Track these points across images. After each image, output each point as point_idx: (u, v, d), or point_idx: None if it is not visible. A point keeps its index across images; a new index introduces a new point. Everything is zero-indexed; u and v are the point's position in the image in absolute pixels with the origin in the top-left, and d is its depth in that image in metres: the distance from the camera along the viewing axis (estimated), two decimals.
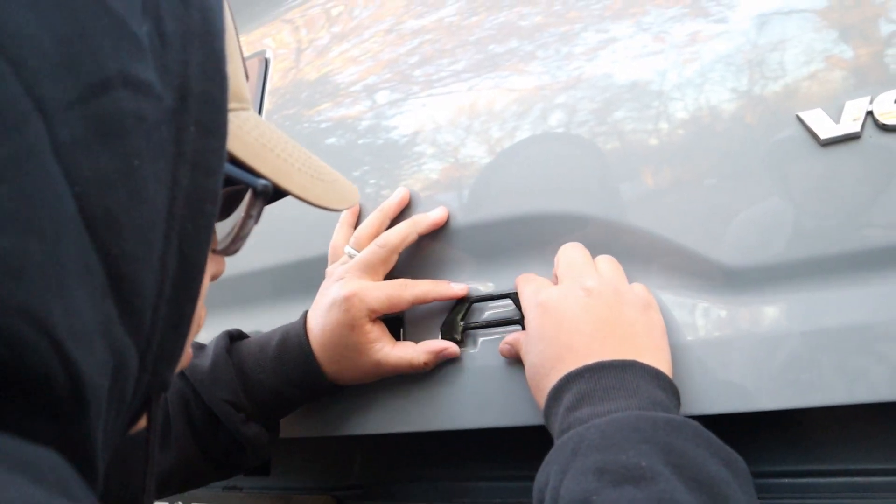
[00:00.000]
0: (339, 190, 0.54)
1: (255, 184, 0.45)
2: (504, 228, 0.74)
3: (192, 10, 0.39)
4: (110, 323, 0.35)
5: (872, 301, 0.56)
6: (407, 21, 0.87)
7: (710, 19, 0.67)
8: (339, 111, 0.91)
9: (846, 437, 0.61)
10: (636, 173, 0.67)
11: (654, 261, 0.66)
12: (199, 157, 0.39)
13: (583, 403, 0.55)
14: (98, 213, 0.34)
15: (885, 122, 0.55)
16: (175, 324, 0.40)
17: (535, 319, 0.63)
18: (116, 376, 0.37)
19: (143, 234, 0.36)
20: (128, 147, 0.35)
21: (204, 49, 0.39)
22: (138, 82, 0.35)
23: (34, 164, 0.31)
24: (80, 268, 0.33)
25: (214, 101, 0.39)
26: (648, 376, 0.55)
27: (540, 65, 0.76)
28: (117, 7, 0.35)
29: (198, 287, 0.41)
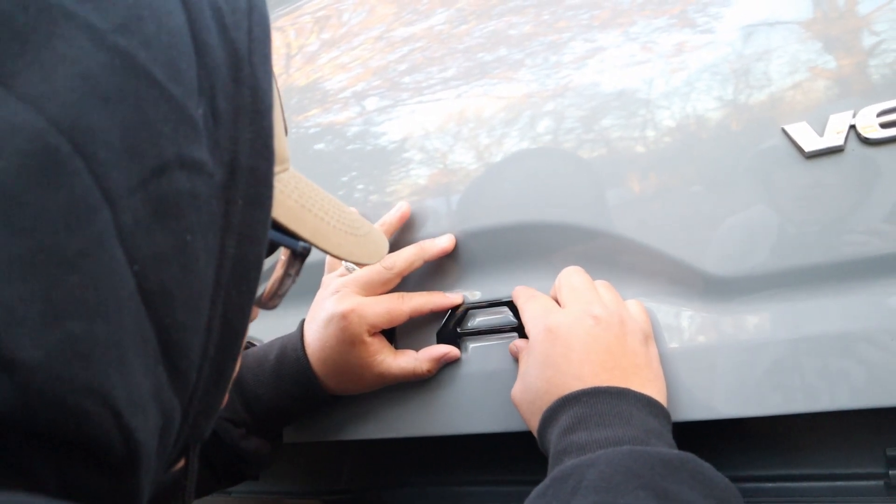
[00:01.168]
0: (371, 243, 0.56)
1: (295, 247, 0.48)
2: (492, 236, 0.75)
3: (244, 89, 0.40)
4: (161, 387, 0.37)
5: (854, 309, 0.57)
6: (397, 29, 0.88)
7: (696, 30, 0.68)
8: (328, 117, 0.91)
9: (829, 442, 0.62)
10: (623, 182, 0.68)
11: (641, 268, 0.67)
12: (245, 228, 0.40)
13: (579, 427, 0.56)
14: (154, 288, 0.36)
15: (867, 135, 0.56)
16: (216, 381, 0.42)
17: (542, 343, 0.64)
18: (163, 434, 0.39)
19: (193, 302, 0.38)
20: (182, 224, 0.37)
21: (253, 126, 0.41)
22: (193, 162, 0.37)
23: (102, 251, 0.33)
24: (137, 340, 0.35)
25: (262, 175, 0.41)
26: (641, 404, 0.57)
27: (528, 73, 0.76)
28: (177, 93, 0.37)
29: (239, 347, 0.43)
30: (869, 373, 0.56)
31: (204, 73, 0.38)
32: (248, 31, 0.41)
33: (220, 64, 0.39)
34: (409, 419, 0.77)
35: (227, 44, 0.40)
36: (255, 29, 0.42)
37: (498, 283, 0.75)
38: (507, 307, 0.73)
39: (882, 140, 0.56)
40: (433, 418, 0.75)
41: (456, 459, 0.83)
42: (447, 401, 0.75)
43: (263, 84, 0.41)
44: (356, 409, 0.80)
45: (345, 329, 0.73)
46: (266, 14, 0.43)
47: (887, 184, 0.56)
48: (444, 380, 0.75)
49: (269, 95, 0.42)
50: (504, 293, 0.74)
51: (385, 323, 0.74)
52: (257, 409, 0.76)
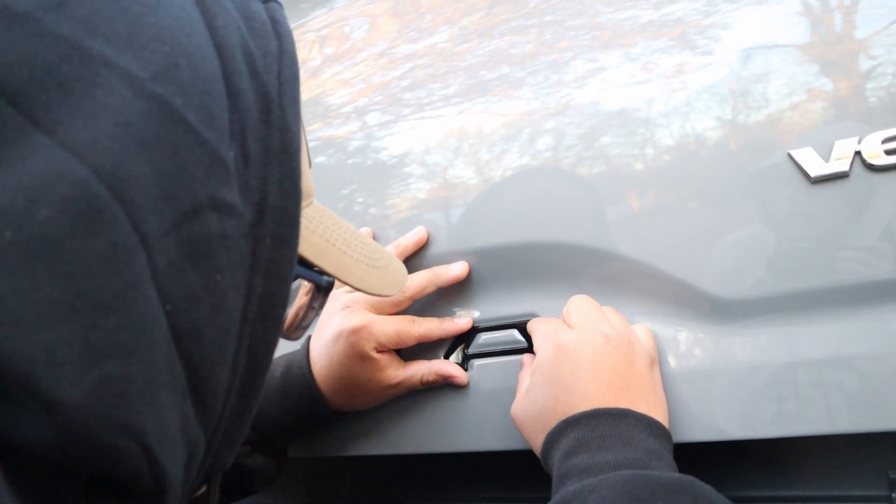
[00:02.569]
0: (391, 274, 0.58)
1: (320, 282, 0.49)
2: (491, 255, 0.75)
3: (274, 130, 0.41)
4: (188, 421, 0.39)
5: (856, 333, 0.58)
6: (399, 46, 0.88)
7: (696, 51, 0.69)
8: (330, 131, 0.91)
9: (832, 464, 0.63)
10: (623, 201, 0.68)
11: (641, 288, 0.68)
12: (272, 265, 0.41)
13: (580, 450, 0.57)
14: (185, 327, 0.37)
15: (872, 162, 0.57)
16: (240, 413, 0.43)
17: (551, 360, 0.63)
18: (189, 466, 0.40)
19: (221, 340, 0.39)
20: (213, 264, 0.38)
21: (282, 167, 0.42)
22: (224, 205, 0.38)
23: (138, 293, 0.34)
24: (167, 377, 0.36)
25: (289, 215, 0.42)
26: (642, 425, 0.58)
27: (529, 91, 0.77)
28: (210, 138, 0.38)
29: (262, 379, 0.43)
30: (869, 396, 0.56)
31: (236, 117, 0.39)
32: (277, 75, 0.42)
33: (251, 107, 0.40)
34: (411, 436, 0.77)
35: (258, 87, 0.41)
36: (285, 72, 0.43)
37: (498, 302, 0.75)
38: (515, 329, 0.73)
39: (887, 167, 0.56)
40: (436, 435, 0.75)
41: (458, 477, 0.83)
42: (450, 418, 0.75)
43: (293, 126, 0.42)
44: (358, 425, 0.80)
45: (354, 345, 0.73)
46: (295, 57, 0.44)
47: (891, 209, 0.57)
48: (447, 397, 0.75)
49: (298, 137, 0.43)
50: (504, 312, 0.74)
51: (393, 344, 0.74)
52: (262, 426, 0.76)
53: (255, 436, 0.76)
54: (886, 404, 0.56)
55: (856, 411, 0.57)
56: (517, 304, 0.74)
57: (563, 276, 0.71)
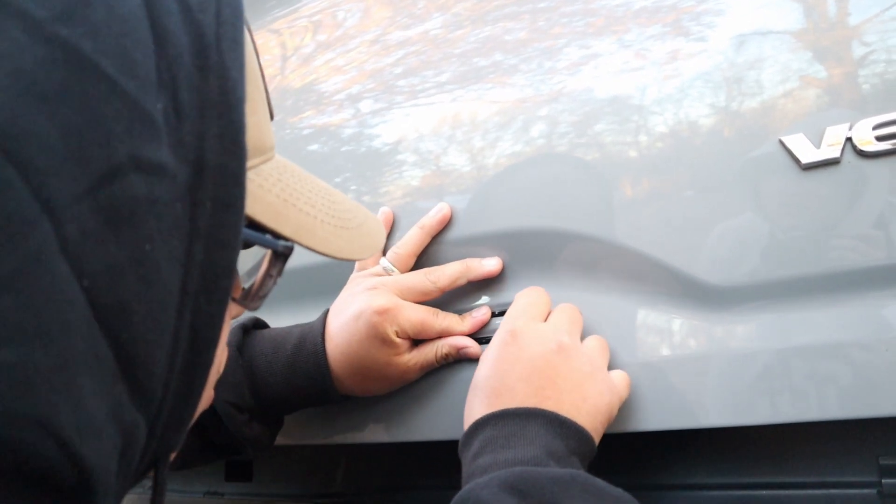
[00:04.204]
0: (363, 236, 0.52)
1: (275, 247, 0.44)
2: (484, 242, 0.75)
3: (211, 78, 0.37)
4: (120, 406, 0.35)
5: (847, 320, 0.58)
6: (392, 32, 0.88)
7: (690, 38, 0.68)
8: (322, 119, 0.91)
9: (823, 450, 0.63)
10: (616, 188, 0.68)
11: (634, 275, 0.68)
12: (215, 231, 0.37)
13: (486, 450, 0.57)
14: (109, 303, 0.33)
15: (863, 148, 0.57)
16: (185, 394, 0.39)
17: (500, 342, 0.64)
18: (125, 453, 0.36)
19: (155, 315, 0.35)
20: (139, 232, 0.33)
21: (221, 120, 0.37)
22: (150, 165, 0.34)
23: (40, 269, 0.30)
24: (88, 360, 0.32)
25: (231, 175, 0.37)
26: (552, 425, 0.57)
27: (523, 78, 0.76)
28: (131, 88, 0.33)
29: (210, 357, 0.39)
30: (860, 382, 0.57)
31: (164, 64, 0.35)
32: (215, 14, 0.38)
33: (182, 52, 0.36)
34: (406, 424, 0.77)
35: (192, 28, 0.36)
36: (225, 10, 0.38)
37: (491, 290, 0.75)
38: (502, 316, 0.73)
39: (878, 153, 0.56)
40: (431, 423, 0.75)
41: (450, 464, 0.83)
42: (443, 406, 0.75)
43: (234, 73, 0.37)
44: (353, 412, 0.80)
45: (377, 325, 0.70)
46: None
47: (882, 196, 0.57)
48: (441, 385, 0.75)
49: (241, 85, 0.38)
50: (496, 300, 0.74)
51: (415, 332, 0.72)
52: (265, 396, 0.73)
53: (255, 405, 0.74)
54: (878, 391, 0.56)
55: (848, 398, 0.57)
56: (509, 292, 0.74)
57: (557, 263, 0.72)
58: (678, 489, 0.68)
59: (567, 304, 0.68)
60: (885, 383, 0.55)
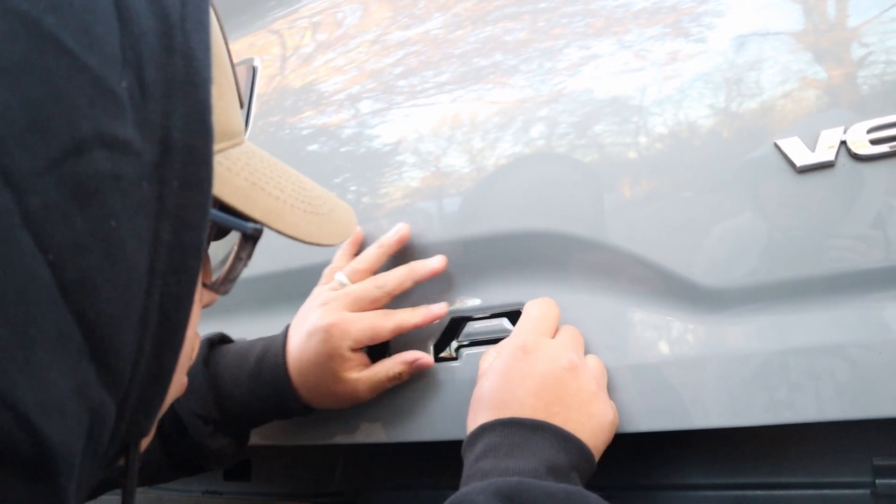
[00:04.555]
0: (333, 222, 0.53)
1: (244, 229, 0.44)
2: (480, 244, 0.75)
3: (176, 58, 0.37)
4: (87, 385, 0.34)
5: (842, 322, 0.58)
6: (392, 32, 0.88)
7: (690, 39, 0.69)
8: (322, 119, 0.91)
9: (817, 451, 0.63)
10: (615, 190, 0.69)
11: (630, 278, 0.68)
12: (182, 211, 0.37)
13: (489, 455, 0.57)
14: (73, 279, 0.32)
15: (857, 151, 0.57)
16: (155, 376, 0.39)
17: (510, 355, 0.64)
18: (93, 433, 0.36)
19: (122, 293, 0.35)
20: (104, 209, 0.33)
21: (187, 100, 0.37)
22: (115, 141, 0.34)
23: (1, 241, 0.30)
24: (52, 336, 0.32)
25: (198, 154, 0.37)
26: (557, 440, 0.58)
27: (523, 78, 0.77)
28: (94, 64, 0.33)
29: (180, 340, 0.39)
30: (854, 384, 0.57)
31: (128, 42, 0.35)
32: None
33: (147, 31, 0.36)
34: (401, 424, 0.77)
35: (157, 9, 0.37)
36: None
37: (489, 291, 0.75)
38: (506, 318, 0.73)
39: (872, 156, 0.56)
40: (426, 423, 0.76)
41: (449, 463, 0.84)
42: (441, 406, 0.75)
43: (199, 53, 0.38)
44: (349, 413, 0.80)
45: (325, 342, 0.72)
46: None
47: (877, 198, 0.57)
48: (438, 386, 0.76)
49: (206, 66, 0.38)
50: (495, 301, 0.74)
51: (368, 339, 0.73)
52: (230, 408, 0.75)
53: (220, 417, 0.75)
54: (872, 392, 0.56)
55: (842, 399, 0.57)
56: (507, 293, 0.74)
57: (554, 265, 0.72)
58: (674, 489, 0.68)
59: (568, 326, 0.69)
60: (879, 384, 0.56)
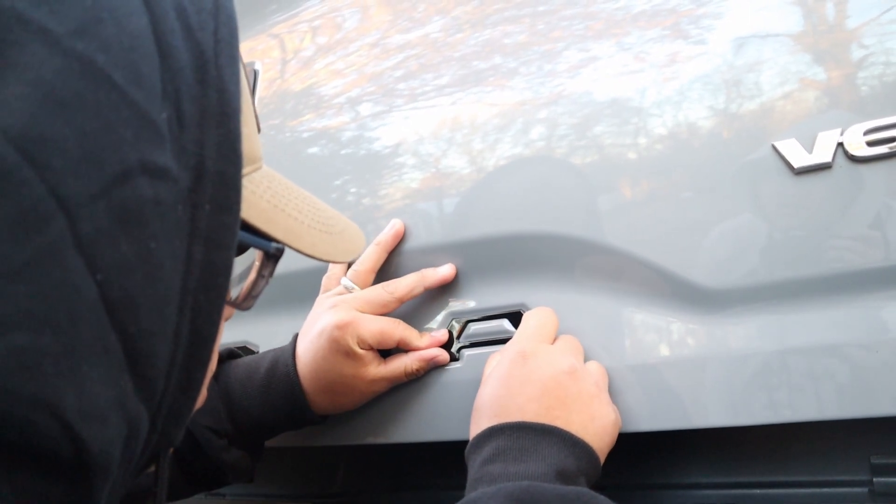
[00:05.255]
0: (346, 241, 0.55)
1: (268, 248, 0.47)
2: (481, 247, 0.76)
3: (210, 91, 0.39)
4: (125, 396, 0.37)
5: (840, 321, 0.59)
6: (392, 36, 0.88)
7: (689, 41, 0.69)
8: (323, 122, 0.91)
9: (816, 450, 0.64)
10: (615, 192, 0.69)
11: (631, 279, 0.68)
12: (213, 233, 0.39)
13: (497, 459, 0.58)
14: (118, 297, 0.35)
15: (854, 153, 0.57)
16: (185, 388, 0.41)
17: (510, 361, 0.65)
18: (129, 442, 0.38)
19: (159, 310, 0.37)
20: (146, 232, 0.36)
21: (220, 129, 0.40)
22: (156, 169, 0.36)
23: (54, 261, 0.32)
24: (97, 350, 0.34)
25: (229, 180, 0.40)
26: (565, 444, 0.59)
27: (522, 81, 0.77)
28: (139, 98, 0.36)
29: (209, 353, 0.41)
30: (854, 383, 0.57)
31: (168, 77, 0.38)
32: (213, 32, 0.41)
33: (184, 66, 0.39)
34: (403, 425, 0.77)
35: (193, 45, 0.39)
36: (222, 29, 0.41)
37: (490, 292, 0.76)
38: (505, 318, 0.74)
39: (868, 158, 0.57)
40: (427, 424, 0.76)
41: (451, 464, 0.84)
42: (442, 407, 0.75)
43: (231, 86, 0.41)
44: (351, 414, 0.80)
45: (338, 340, 0.73)
46: (233, 14, 0.42)
47: (874, 200, 0.57)
48: (439, 387, 0.76)
49: (237, 97, 0.41)
50: (496, 302, 0.75)
51: (376, 342, 0.74)
52: (243, 421, 0.76)
53: (233, 430, 0.76)
54: (872, 391, 0.57)
55: (840, 398, 0.57)
56: (508, 294, 0.74)
57: (555, 267, 0.72)
58: (674, 488, 0.69)
59: (567, 336, 0.70)
60: (877, 384, 0.56)
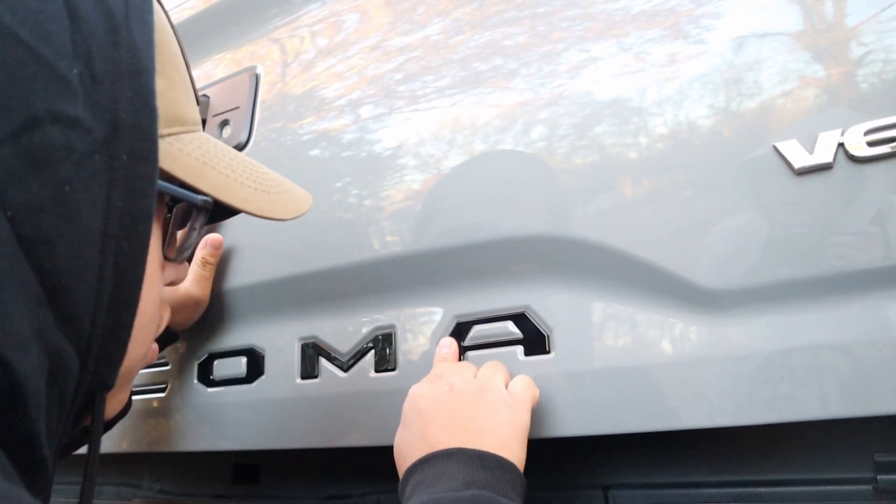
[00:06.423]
0: (288, 201, 0.59)
1: (194, 200, 0.51)
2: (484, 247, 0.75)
3: (122, 50, 0.43)
4: (46, 329, 0.40)
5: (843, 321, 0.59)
6: (393, 38, 0.88)
7: (688, 41, 0.69)
8: (323, 124, 0.92)
9: (820, 448, 0.64)
10: (615, 193, 0.69)
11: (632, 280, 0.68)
12: (131, 181, 0.43)
13: (415, 493, 0.60)
14: (31, 234, 0.38)
15: (855, 153, 0.58)
16: (113, 330, 0.44)
17: (406, 407, 0.68)
18: (55, 376, 0.42)
19: (78, 251, 0.41)
20: (59, 176, 0.39)
21: (133, 85, 0.43)
22: (67, 118, 0.40)
23: None
24: (15, 281, 0.38)
25: (144, 132, 0.43)
26: (472, 460, 0.60)
27: (523, 82, 0.77)
28: (47, 54, 0.40)
29: (135, 297, 0.45)
30: (857, 381, 0.57)
31: (79, 38, 0.41)
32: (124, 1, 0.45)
33: (95, 28, 0.42)
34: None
35: (103, 10, 0.43)
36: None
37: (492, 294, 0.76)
38: (511, 321, 0.74)
39: (869, 158, 0.57)
40: None
41: None
42: None
43: (142, 45, 0.44)
44: (356, 417, 0.81)
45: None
46: None
47: (874, 199, 0.58)
48: None
49: (149, 57, 0.45)
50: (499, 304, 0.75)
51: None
52: None
53: None
54: (875, 389, 0.57)
55: (846, 397, 0.58)
56: (513, 296, 0.74)
57: (558, 268, 0.72)
58: (678, 487, 0.69)
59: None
60: (880, 382, 0.56)
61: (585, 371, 0.68)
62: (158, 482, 1.13)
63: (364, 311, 0.83)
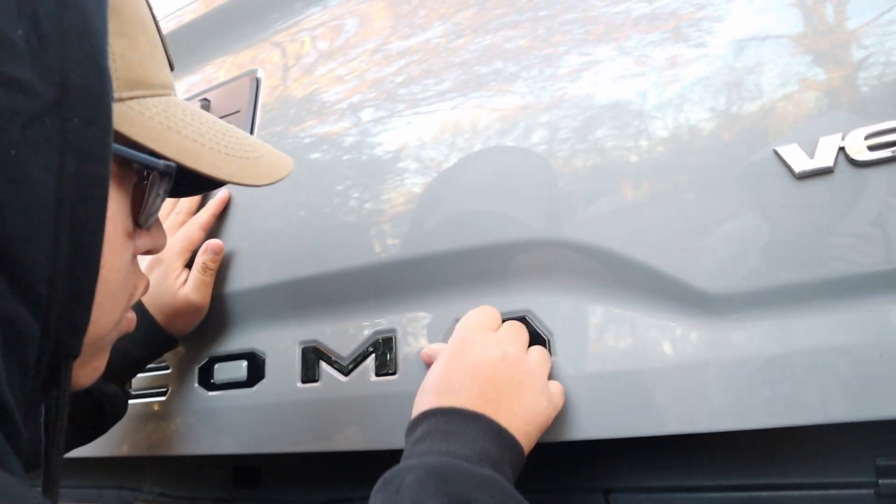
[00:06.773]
0: (261, 166, 0.56)
1: (155, 165, 0.49)
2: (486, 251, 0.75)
3: (69, 11, 0.42)
4: (1, 296, 0.39)
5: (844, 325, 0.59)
6: (394, 42, 0.89)
7: (689, 44, 0.69)
8: (324, 128, 0.92)
9: (821, 452, 0.64)
10: (615, 197, 0.69)
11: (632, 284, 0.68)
12: (84, 145, 0.42)
13: (426, 439, 0.59)
14: None
15: (855, 157, 0.58)
16: (74, 297, 0.43)
17: (450, 349, 0.67)
18: (12, 343, 0.41)
19: (29, 216, 0.40)
20: (4, 139, 0.39)
21: (82, 47, 0.42)
22: (12, 81, 0.39)
23: None
24: None
25: (95, 94, 0.42)
26: (490, 431, 0.60)
27: (523, 85, 0.77)
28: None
29: (95, 263, 0.44)
30: (859, 385, 0.57)
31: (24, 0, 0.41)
32: None
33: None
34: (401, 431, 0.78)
35: None
36: None
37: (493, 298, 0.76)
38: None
39: (870, 162, 0.57)
40: None
41: None
42: None
43: (91, 5, 0.43)
44: (358, 420, 0.81)
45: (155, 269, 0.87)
46: None
47: (875, 204, 0.58)
48: None
49: (100, 17, 0.43)
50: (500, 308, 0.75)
51: (188, 245, 0.89)
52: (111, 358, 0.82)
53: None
54: (877, 393, 0.57)
55: (848, 401, 0.57)
56: (511, 299, 0.74)
57: (558, 271, 0.72)
58: (679, 491, 0.69)
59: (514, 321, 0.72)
60: (882, 386, 0.56)
61: (586, 375, 0.68)
62: (159, 486, 1.13)
63: (365, 314, 0.83)
